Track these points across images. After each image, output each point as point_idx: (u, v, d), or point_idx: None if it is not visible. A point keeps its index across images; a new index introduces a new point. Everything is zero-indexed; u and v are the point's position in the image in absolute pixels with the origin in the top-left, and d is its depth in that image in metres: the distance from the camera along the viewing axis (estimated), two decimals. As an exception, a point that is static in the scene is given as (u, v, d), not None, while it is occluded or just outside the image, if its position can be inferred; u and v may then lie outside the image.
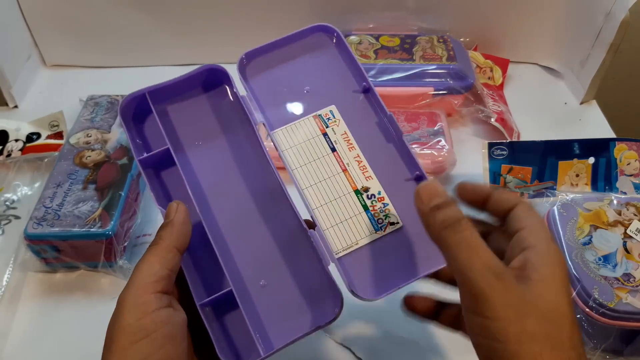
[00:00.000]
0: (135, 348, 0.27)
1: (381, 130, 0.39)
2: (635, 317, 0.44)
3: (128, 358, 0.27)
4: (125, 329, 0.28)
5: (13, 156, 0.62)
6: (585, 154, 0.59)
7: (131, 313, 0.28)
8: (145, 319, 0.28)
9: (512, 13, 0.76)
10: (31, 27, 0.75)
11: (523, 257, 0.29)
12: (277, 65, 0.40)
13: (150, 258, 0.31)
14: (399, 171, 0.37)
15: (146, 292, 0.29)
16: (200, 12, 0.75)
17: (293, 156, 0.38)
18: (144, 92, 0.38)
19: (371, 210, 0.36)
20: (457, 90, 0.69)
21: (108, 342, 0.28)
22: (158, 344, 0.28)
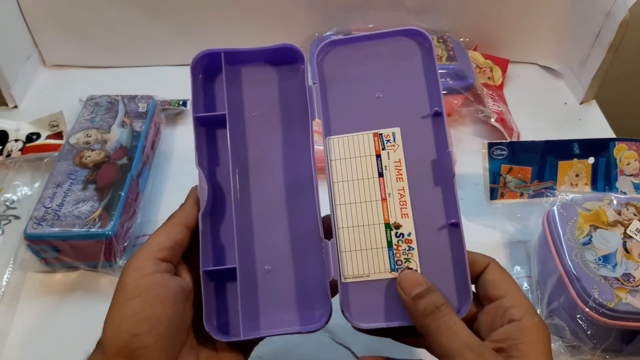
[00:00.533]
0: (128, 304, 0.30)
1: (435, 168, 0.36)
2: (635, 317, 0.44)
3: (121, 312, 0.31)
4: (122, 287, 0.31)
5: (13, 156, 0.62)
6: (585, 154, 0.59)
7: (129, 274, 0.32)
8: (140, 280, 0.31)
9: (512, 13, 0.76)
10: (31, 27, 0.75)
11: (505, 331, 0.31)
12: (356, 62, 0.38)
13: (158, 231, 0.34)
14: (437, 216, 0.35)
15: (146, 258, 0.32)
16: (201, 12, 0.75)
17: (339, 169, 0.36)
18: (219, 51, 0.38)
19: (394, 249, 0.35)
20: (457, 90, 0.69)
21: (112, 299, 0.32)
22: (148, 303, 0.31)
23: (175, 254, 0.34)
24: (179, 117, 0.72)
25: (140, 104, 0.64)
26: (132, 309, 0.30)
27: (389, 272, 0.34)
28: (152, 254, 0.32)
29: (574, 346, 0.47)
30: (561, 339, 0.47)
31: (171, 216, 0.35)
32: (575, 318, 0.45)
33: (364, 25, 0.77)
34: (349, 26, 0.76)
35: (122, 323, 0.30)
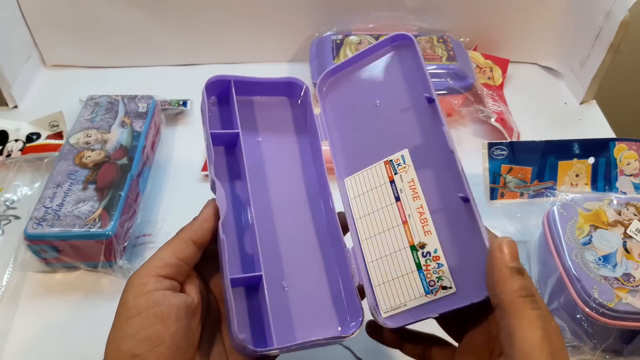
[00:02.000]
0: (129, 323, 0.30)
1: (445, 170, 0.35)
2: (635, 317, 0.44)
3: (121, 331, 0.30)
4: (123, 305, 0.31)
5: (13, 156, 0.62)
6: (585, 154, 0.59)
7: (131, 292, 0.31)
8: (140, 299, 0.30)
9: (512, 13, 0.76)
10: (31, 27, 0.75)
11: None
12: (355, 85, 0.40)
13: (165, 246, 0.33)
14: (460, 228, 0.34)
15: (147, 275, 0.31)
16: (201, 12, 0.75)
17: (358, 205, 0.37)
18: (229, 79, 0.39)
19: (424, 270, 0.34)
20: (457, 90, 0.69)
21: (114, 317, 0.31)
22: (147, 322, 0.30)
23: (180, 270, 0.33)
24: (179, 117, 0.72)
25: (140, 104, 0.64)
26: (132, 328, 0.30)
27: (424, 295, 0.33)
28: (154, 271, 0.32)
29: (574, 346, 0.47)
30: (561, 339, 0.47)
31: (180, 230, 0.34)
32: (575, 318, 0.45)
33: (364, 25, 0.77)
34: (349, 26, 0.76)
35: (122, 343, 0.29)
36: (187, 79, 0.78)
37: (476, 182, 0.61)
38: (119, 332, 0.30)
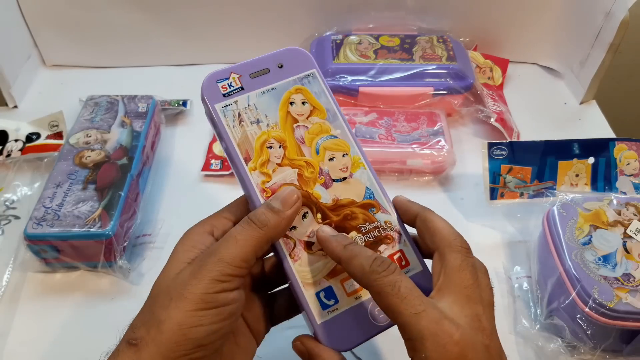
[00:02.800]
0: (203, 313, 0.29)
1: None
2: (635, 317, 0.44)
3: (194, 319, 0.29)
4: (200, 295, 0.29)
5: (13, 156, 0.62)
6: (585, 154, 0.59)
7: (212, 285, 0.29)
8: (221, 295, 0.30)
9: (512, 13, 0.76)
10: (31, 27, 0.75)
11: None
12: None
13: (250, 242, 0.31)
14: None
15: (232, 274, 0.30)
16: (201, 12, 0.75)
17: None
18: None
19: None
20: (457, 90, 0.69)
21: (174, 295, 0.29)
22: (222, 317, 0.30)
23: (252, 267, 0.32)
24: (179, 117, 0.72)
25: (140, 104, 0.64)
26: (207, 319, 0.29)
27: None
28: (239, 272, 0.30)
29: (574, 346, 0.47)
30: (561, 339, 0.47)
31: (266, 222, 0.31)
32: (575, 318, 0.45)
33: (364, 25, 0.77)
34: (349, 26, 0.77)
35: (192, 331, 0.29)
36: (187, 79, 0.78)
37: (476, 182, 0.62)
38: (190, 319, 0.29)
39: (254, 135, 0.34)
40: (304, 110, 0.36)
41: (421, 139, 0.64)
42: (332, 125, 0.36)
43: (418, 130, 0.65)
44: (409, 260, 0.35)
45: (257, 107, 0.35)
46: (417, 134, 0.64)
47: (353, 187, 0.35)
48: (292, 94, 0.36)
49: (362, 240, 0.34)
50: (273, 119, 0.35)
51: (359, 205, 0.35)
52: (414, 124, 0.66)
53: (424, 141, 0.63)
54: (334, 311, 0.33)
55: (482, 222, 0.59)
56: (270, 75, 0.35)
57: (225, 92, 0.35)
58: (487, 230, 0.59)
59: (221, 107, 0.35)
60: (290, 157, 0.35)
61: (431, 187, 0.64)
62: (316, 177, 0.35)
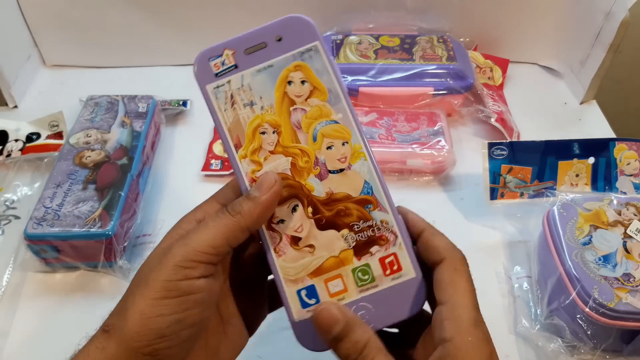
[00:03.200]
0: (165, 302, 0.28)
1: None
2: (635, 317, 0.44)
3: (155, 308, 0.28)
4: (162, 283, 0.28)
5: (13, 156, 0.62)
6: (585, 154, 0.59)
7: (175, 271, 0.28)
8: (184, 282, 0.28)
9: (512, 13, 0.76)
10: (31, 27, 0.75)
11: (439, 354, 0.28)
12: None
13: (220, 229, 0.29)
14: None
15: (198, 259, 0.29)
16: (201, 12, 0.75)
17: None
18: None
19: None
20: (457, 90, 0.69)
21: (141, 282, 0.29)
22: (185, 306, 0.28)
23: (227, 257, 0.31)
24: (179, 117, 0.72)
25: (140, 104, 0.64)
26: (167, 309, 0.28)
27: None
28: (205, 257, 0.29)
29: (574, 346, 0.47)
30: (561, 339, 0.47)
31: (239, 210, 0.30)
32: (575, 318, 0.45)
33: (364, 25, 0.77)
34: (349, 26, 0.77)
35: (152, 321, 0.28)
36: (187, 79, 0.77)
37: (476, 182, 0.61)
38: (151, 307, 0.28)
39: (247, 120, 0.32)
40: (303, 90, 0.32)
41: (421, 139, 0.64)
42: (333, 109, 0.32)
43: (418, 130, 0.65)
44: (402, 265, 0.32)
45: (252, 88, 0.32)
46: (417, 134, 0.64)
47: (350, 179, 0.32)
48: (291, 71, 0.32)
49: (353, 239, 0.32)
50: (268, 101, 0.32)
51: (355, 201, 0.32)
52: (414, 124, 0.66)
53: (424, 141, 0.63)
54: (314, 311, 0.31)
55: (482, 222, 0.59)
56: (267, 50, 0.32)
57: (217, 71, 0.32)
58: (487, 230, 0.59)
59: (213, 88, 0.32)
60: (284, 144, 0.32)
61: (431, 187, 0.64)
62: (311, 167, 0.32)
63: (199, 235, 0.29)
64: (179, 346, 0.29)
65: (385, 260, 0.32)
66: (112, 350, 0.28)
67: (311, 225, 0.32)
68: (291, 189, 0.32)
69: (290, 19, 0.33)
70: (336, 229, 0.32)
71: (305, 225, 0.32)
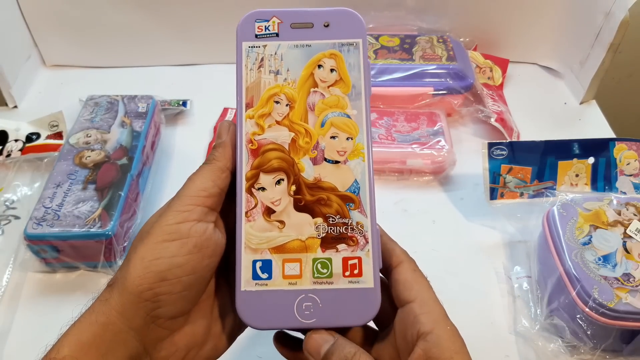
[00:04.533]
0: (165, 245, 0.29)
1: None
2: (635, 317, 0.44)
3: (156, 251, 0.29)
4: (163, 227, 0.29)
5: (13, 156, 0.62)
6: (585, 154, 0.59)
7: (172, 215, 0.30)
8: (183, 225, 0.29)
9: (512, 13, 0.76)
10: (31, 27, 0.75)
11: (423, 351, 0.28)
12: None
13: (205, 174, 0.31)
14: None
15: (193, 203, 0.30)
16: (201, 12, 0.75)
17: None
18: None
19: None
20: (456, 90, 0.69)
21: (143, 234, 0.30)
22: (186, 249, 0.29)
23: (220, 200, 0.32)
24: (179, 117, 0.72)
25: (140, 104, 0.64)
26: (168, 252, 0.29)
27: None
28: (200, 200, 0.30)
29: (574, 346, 0.47)
30: (561, 339, 0.47)
31: (213, 158, 0.32)
32: (575, 318, 0.45)
33: (364, 25, 0.77)
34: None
35: (153, 264, 0.28)
36: (187, 79, 0.78)
37: (476, 182, 0.62)
38: (152, 251, 0.29)
39: (266, 85, 0.33)
40: (329, 77, 0.33)
41: (421, 139, 0.64)
42: (351, 104, 0.33)
43: (418, 130, 0.65)
44: (363, 272, 0.31)
45: (283, 59, 0.33)
46: (417, 134, 0.64)
47: (342, 173, 0.32)
48: (325, 57, 0.33)
49: (324, 230, 0.31)
50: (293, 76, 0.33)
51: (339, 195, 0.32)
52: (414, 124, 0.66)
53: (424, 141, 0.63)
54: (262, 285, 0.31)
55: (482, 222, 0.59)
56: (312, 30, 0.33)
57: (259, 33, 0.33)
58: (487, 230, 0.59)
59: (248, 46, 0.33)
60: (292, 119, 0.32)
61: (431, 187, 0.64)
62: (309, 149, 0.32)
63: (188, 186, 0.31)
64: (180, 294, 0.29)
65: (349, 261, 0.31)
66: (115, 300, 0.29)
67: (289, 203, 0.32)
68: (282, 162, 0.32)
69: (345, 12, 0.34)
70: (311, 214, 0.32)
71: (283, 200, 0.32)
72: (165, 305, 0.29)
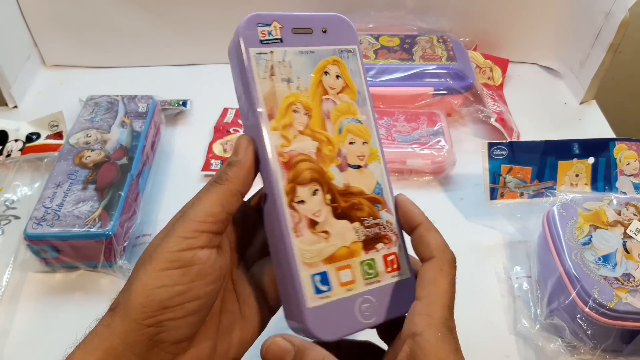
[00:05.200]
0: (168, 273, 0.28)
1: None
2: (635, 317, 0.44)
3: (158, 279, 0.28)
4: (165, 254, 0.29)
5: (13, 156, 0.62)
6: (585, 154, 0.59)
7: (175, 241, 0.29)
8: (186, 252, 0.29)
9: (512, 13, 0.77)
10: (31, 27, 0.75)
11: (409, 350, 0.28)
12: None
13: (214, 197, 0.30)
14: None
15: (198, 229, 0.29)
16: (201, 12, 0.75)
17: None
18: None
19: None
20: (456, 90, 0.69)
21: (146, 258, 0.29)
22: (188, 277, 0.29)
23: (227, 224, 0.31)
24: (179, 117, 0.72)
25: (140, 104, 0.64)
26: (170, 280, 0.28)
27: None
28: (205, 226, 0.29)
29: (574, 346, 0.47)
30: (561, 339, 0.47)
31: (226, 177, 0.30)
32: (575, 318, 0.45)
33: (364, 25, 0.77)
34: (349, 26, 0.77)
35: (155, 292, 0.28)
36: (187, 79, 0.78)
37: (476, 182, 0.62)
38: (154, 279, 0.28)
39: (282, 94, 0.31)
40: (337, 84, 0.33)
41: (421, 139, 0.64)
42: (359, 109, 0.33)
43: (418, 130, 0.65)
44: (400, 265, 0.33)
45: (292, 66, 0.32)
46: (417, 134, 0.64)
47: (366, 177, 0.33)
48: (329, 63, 0.33)
49: (363, 233, 0.32)
50: (304, 83, 0.32)
51: (367, 198, 0.33)
52: (414, 124, 0.66)
53: (424, 141, 0.63)
54: (326, 298, 0.31)
55: (482, 222, 0.59)
56: (312, 36, 0.33)
57: (263, 38, 0.32)
58: (487, 230, 0.59)
59: (256, 53, 0.31)
60: (313, 128, 0.32)
61: (431, 187, 0.64)
62: (334, 157, 0.32)
63: (195, 209, 0.30)
64: (184, 319, 0.29)
65: (388, 257, 0.33)
66: (117, 326, 0.28)
67: (328, 212, 0.32)
68: (314, 173, 0.31)
69: (337, 17, 0.34)
70: (349, 220, 0.32)
71: (323, 210, 0.32)
72: (168, 331, 0.29)
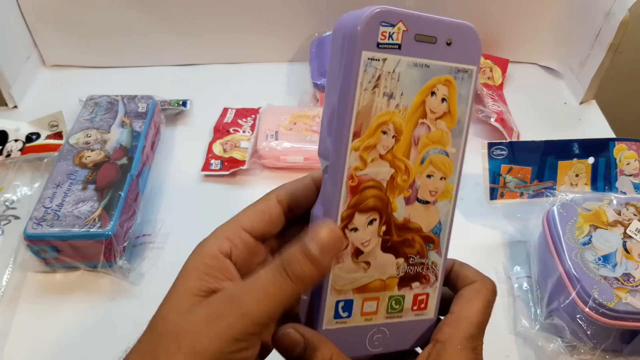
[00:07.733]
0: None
1: None
2: (635, 317, 0.44)
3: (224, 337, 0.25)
4: (212, 354, 0.25)
5: (13, 156, 0.62)
6: (585, 153, 0.59)
7: (230, 345, 0.25)
8: (237, 355, 0.26)
9: (512, 13, 0.76)
10: (31, 27, 0.75)
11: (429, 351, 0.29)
12: None
13: (280, 298, 0.26)
14: None
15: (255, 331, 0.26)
16: (201, 12, 0.75)
17: None
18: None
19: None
20: (457, 90, 0.69)
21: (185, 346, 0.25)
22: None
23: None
24: (179, 117, 0.72)
25: (140, 104, 0.64)
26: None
27: None
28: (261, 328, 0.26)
29: (574, 346, 0.47)
30: (561, 339, 0.47)
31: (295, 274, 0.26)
32: (575, 318, 0.45)
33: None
34: (348, 26, 0.77)
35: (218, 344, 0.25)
36: (187, 79, 0.78)
37: (476, 182, 0.61)
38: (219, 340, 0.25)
39: (378, 111, 0.27)
40: (440, 108, 0.29)
41: (421, 139, 0.64)
42: (452, 141, 0.30)
43: (418, 130, 0.65)
44: (428, 306, 0.32)
45: (400, 79, 0.27)
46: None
47: (429, 215, 0.30)
48: (440, 83, 0.28)
49: (403, 270, 0.31)
50: (405, 102, 0.28)
51: (422, 236, 0.31)
52: (414, 124, 0.66)
53: (424, 141, 0.63)
54: (342, 323, 0.30)
55: (482, 222, 0.59)
56: (433, 47, 0.28)
57: (382, 41, 0.27)
58: (487, 230, 0.59)
59: (368, 57, 0.26)
60: (395, 154, 0.28)
61: (431, 187, 0.63)
62: (405, 188, 0.29)
63: (259, 306, 0.25)
64: None
65: (419, 297, 0.31)
66: None
67: (377, 244, 0.30)
68: (377, 201, 0.29)
69: (468, 29, 0.29)
70: (395, 255, 0.30)
71: (372, 241, 0.29)
72: None
